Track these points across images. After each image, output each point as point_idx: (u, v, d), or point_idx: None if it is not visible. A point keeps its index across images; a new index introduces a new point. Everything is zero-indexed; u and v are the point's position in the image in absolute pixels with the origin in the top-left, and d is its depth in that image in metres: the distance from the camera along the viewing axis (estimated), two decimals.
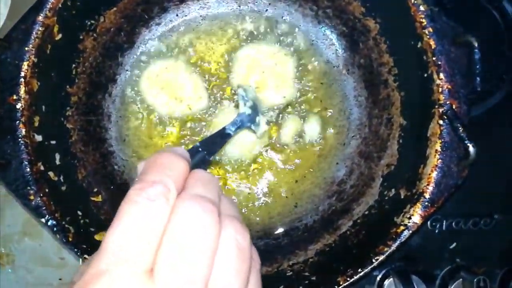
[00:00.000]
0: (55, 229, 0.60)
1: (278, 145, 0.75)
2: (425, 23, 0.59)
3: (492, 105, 0.80)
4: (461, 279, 0.74)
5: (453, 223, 0.79)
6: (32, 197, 0.60)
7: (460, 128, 0.55)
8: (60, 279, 0.84)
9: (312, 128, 0.75)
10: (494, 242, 0.78)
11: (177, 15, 0.77)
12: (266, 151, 0.75)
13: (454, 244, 0.78)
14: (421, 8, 0.59)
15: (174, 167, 0.38)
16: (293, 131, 0.75)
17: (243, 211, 0.74)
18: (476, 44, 0.55)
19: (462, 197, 0.76)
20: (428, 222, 0.76)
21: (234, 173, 0.75)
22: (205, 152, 0.54)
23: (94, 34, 0.70)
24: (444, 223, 0.79)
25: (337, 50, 0.76)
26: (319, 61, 0.76)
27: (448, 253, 0.78)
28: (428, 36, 0.59)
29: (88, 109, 0.72)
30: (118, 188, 0.73)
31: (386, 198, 0.65)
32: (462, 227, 0.79)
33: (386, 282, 0.76)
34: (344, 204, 0.71)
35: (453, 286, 0.75)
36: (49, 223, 0.60)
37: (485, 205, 0.79)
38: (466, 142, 0.55)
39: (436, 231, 0.79)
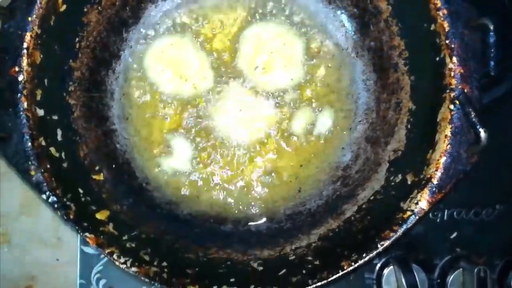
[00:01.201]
0: (56, 205, 0.59)
1: (286, 133, 0.74)
2: (440, 4, 0.57)
3: (499, 94, 0.80)
4: (461, 269, 0.75)
5: (455, 213, 0.79)
6: (33, 173, 0.59)
7: (472, 113, 0.54)
8: (57, 259, 0.83)
9: (324, 122, 0.74)
10: (495, 233, 0.78)
11: None
12: (274, 135, 0.74)
13: (455, 234, 0.78)
14: None
15: None
16: (304, 123, 0.74)
17: (246, 194, 0.74)
18: (491, 27, 0.54)
19: (464, 187, 0.76)
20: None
21: (240, 154, 0.74)
22: None
23: (99, 7, 0.68)
24: (445, 213, 0.79)
25: (347, 32, 0.75)
26: (328, 43, 0.75)
27: (448, 242, 0.78)
28: (442, 18, 0.57)
29: (91, 85, 0.71)
30: (120, 167, 0.72)
31: (392, 183, 0.64)
32: (464, 217, 0.79)
33: (386, 270, 0.76)
34: (349, 189, 0.70)
35: (453, 275, 0.75)
36: (50, 199, 0.59)
37: (487, 196, 0.79)
38: (477, 127, 0.54)
39: (438, 221, 0.79)
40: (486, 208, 0.79)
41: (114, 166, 0.71)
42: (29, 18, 0.59)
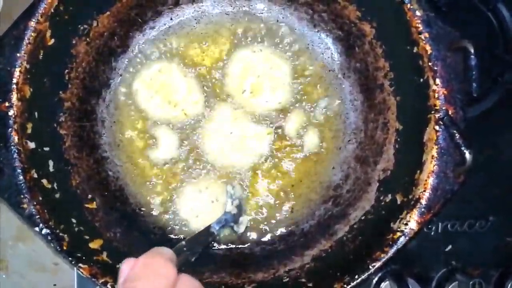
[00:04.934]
0: (49, 237, 0.60)
1: (276, 154, 0.75)
2: (421, 28, 0.58)
3: (486, 107, 0.80)
4: (456, 282, 0.75)
5: (449, 226, 0.79)
6: (25, 206, 0.59)
7: (456, 135, 0.55)
8: (54, 284, 0.83)
9: (313, 142, 0.75)
10: (489, 245, 0.79)
11: (171, 19, 0.76)
12: (265, 156, 0.75)
13: (449, 247, 0.78)
14: (417, 13, 0.59)
15: (164, 275, 0.38)
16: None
17: None
18: (472, 50, 0.55)
19: (457, 200, 0.76)
20: None
21: (230, 180, 0.75)
22: (189, 253, 0.58)
23: (87, 39, 0.69)
24: (439, 226, 0.80)
25: (332, 54, 0.75)
26: (314, 65, 0.76)
27: (443, 255, 0.78)
28: (424, 41, 0.58)
29: (82, 114, 0.71)
30: (112, 194, 0.73)
31: (383, 203, 0.65)
32: (458, 229, 0.79)
33: (382, 285, 0.76)
34: (341, 209, 0.71)
35: None
36: (43, 232, 0.59)
37: (480, 207, 0.79)
38: (462, 148, 0.55)
39: (432, 234, 0.79)
40: (480, 220, 0.79)
41: (106, 193, 0.72)
42: (18, 54, 0.59)
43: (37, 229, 0.59)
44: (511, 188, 0.79)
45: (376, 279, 0.76)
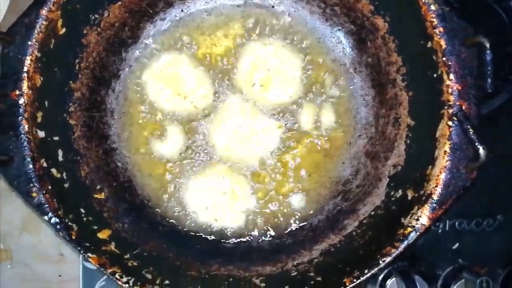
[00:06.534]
0: (58, 226, 0.60)
1: (286, 147, 0.75)
2: (436, 22, 0.58)
3: (497, 105, 0.80)
4: (463, 280, 0.75)
5: (456, 224, 0.79)
6: (34, 194, 0.59)
7: (470, 130, 0.55)
8: (59, 275, 0.83)
9: (328, 118, 0.74)
10: (496, 243, 0.79)
11: (182, 10, 0.76)
12: (274, 149, 0.75)
13: (456, 245, 0.78)
14: (432, 7, 0.58)
15: None
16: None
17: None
18: (487, 45, 0.54)
19: (465, 198, 0.76)
20: None
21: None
22: None
23: (98, 29, 0.69)
24: (447, 224, 0.79)
25: (344, 48, 0.75)
26: (325, 59, 0.75)
27: (450, 253, 0.78)
28: (438, 36, 0.58)
29: (91, 104, 0.71)
30: (121, 185, 0.73)
31: (393, 199, 0.65)
32: (465, 227, 0.79)
33: (389, 281, 0.76)
34: (350, 204, 0.71)
35: (455, 286, 0.75)
36: (52, 221, 0.59)
37: (488, 206, 0.79)
38: (476, 144, 0.54)
39: (439, 231, 0.79)
40: (487, 218, 0.79)
41: (115, 184, 0.72)
42: (29, 43, 0.59)
43: (46, 218, 0.59)
44: None
45: (382, 276, 0.76)
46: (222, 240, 0.73)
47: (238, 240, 0.73)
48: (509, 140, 0.81)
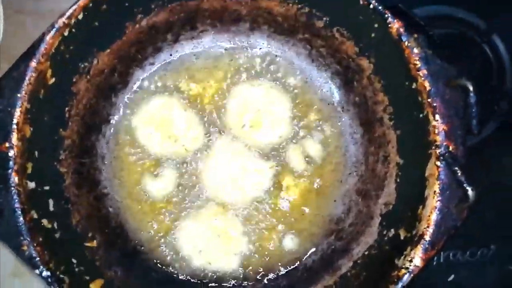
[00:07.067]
0: (49, 280, 0.58)
1: (278, 187, 0.75)
2: (419, 65, 0.59)
3: (484, 136, 0.81)
4: None
5: (451, 255, 0.79)
6: (25, 248, 0.58)
7: (458, 172, 0.55)
8: None
9: (318, 156, 0.75)
10: (491, 273, 0.79)
11: (170, 55, 0.77)
12: (266, 190, 0.75)
13: (452, 276, 0.78)
14: (415, 50, 0.59)
15: None
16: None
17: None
18: (471, 88, 0.56)
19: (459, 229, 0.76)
20: None
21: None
22: None
23: (88, 76, 0.69)
24: (441, 255, 0.79)
25: (331, 88, 0.76)
26: (313, 99, 0.76)
27: (446, 285, 0.78)
28: (422, 78, 0.59)
29: (82, 151, 0.71)
30: (113, 231, 0.72)
31: (386, 238, 0.64)
32: (460, 259, 0.79)
33: None
34: (344, 243, 0.70)
35: None
36: (43, 274, 0.58)
37: (481, 236, 0.79)
38: (464, 185, 0.55)
39: (434, 263, 0.78)
40: (481, 248, 0.79)
41: (107, 230, 0.71)
42: (18, 95, 0.59)
43: (37, 271, 0.58)
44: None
45: None
46: (217, 285, 0.72)
47: (232, 284, 0.72)
48: (499, 169, 0.82)
